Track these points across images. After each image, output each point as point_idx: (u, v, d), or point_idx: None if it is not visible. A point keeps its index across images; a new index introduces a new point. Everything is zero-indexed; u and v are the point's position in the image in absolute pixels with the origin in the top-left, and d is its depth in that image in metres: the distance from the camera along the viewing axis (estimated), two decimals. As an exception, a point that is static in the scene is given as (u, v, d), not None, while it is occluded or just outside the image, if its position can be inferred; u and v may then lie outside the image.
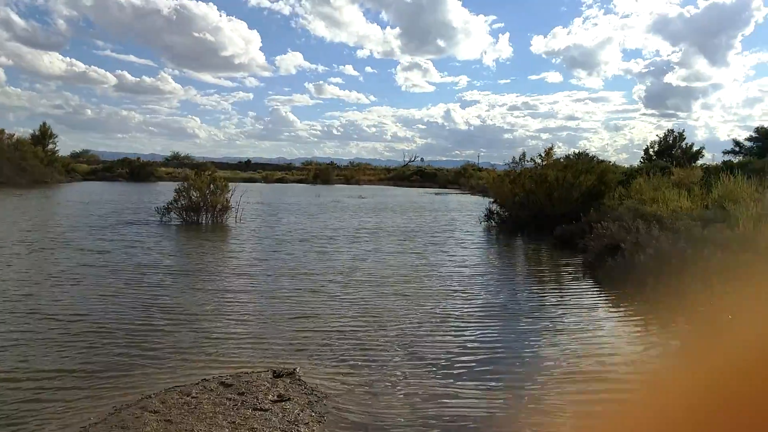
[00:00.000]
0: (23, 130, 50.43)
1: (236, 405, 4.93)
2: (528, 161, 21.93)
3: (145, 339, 6.80)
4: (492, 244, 17.36)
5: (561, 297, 9.71)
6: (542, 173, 19.87)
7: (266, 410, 4.85)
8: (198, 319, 7.76)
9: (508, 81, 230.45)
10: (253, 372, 5.79)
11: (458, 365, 6.17)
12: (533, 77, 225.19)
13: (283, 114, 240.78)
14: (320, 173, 70.22)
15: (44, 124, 50.65)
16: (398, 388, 5.50)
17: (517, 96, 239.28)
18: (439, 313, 8.34)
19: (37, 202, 28.11)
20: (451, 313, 8.42)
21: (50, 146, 49.76)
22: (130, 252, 13.15)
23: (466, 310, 8.63)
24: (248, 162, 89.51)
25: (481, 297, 9.56)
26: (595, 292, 10.06)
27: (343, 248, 14.73)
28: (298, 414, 4.82)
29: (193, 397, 5.07)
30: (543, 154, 21.93)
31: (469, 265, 12.76)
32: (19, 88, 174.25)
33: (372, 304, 8.83)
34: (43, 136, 49.63)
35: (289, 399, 5.09)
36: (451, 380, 5.71)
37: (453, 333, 7.41)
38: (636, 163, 37.67)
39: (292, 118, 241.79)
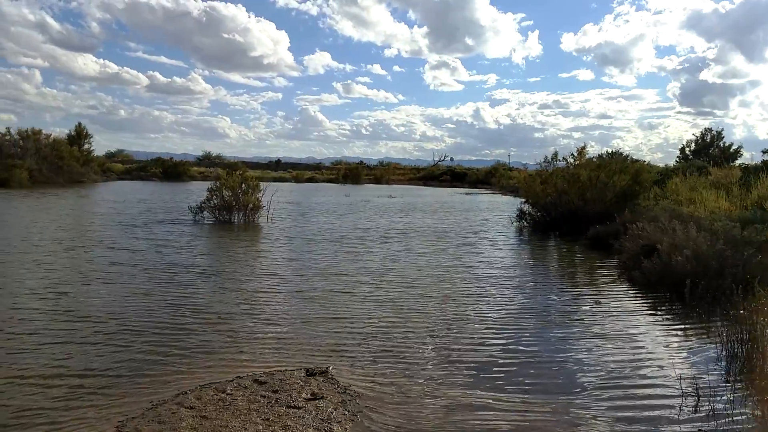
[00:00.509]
0: (59, 131, 51.58)
1: (270, 402, 4.97)
2: (560, 161, 21.63)
3: (179, 338, 6.91)
4: (524, 244, 17.19)
5: (596, 299, 9.56)
6: (575, 173, 19.61)
7: (300, 408, 4.88)
8: (231, 319, 7.86)
9: (538, 79, 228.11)
10: (286, 370, 5.83)
11: (492, 370, 6.13)
12: (564, 75, 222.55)
13: (311, 113, 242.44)
14: (350, 173, 70.43)
15: (80, 124, 51.86)
16: (430, 390, 5.47)
17: (548, 94, 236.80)
18: (472, 316, 8.28)
19: (74, 201, 28.81)
20: (485, 315, 8.36)
21: (86, 146, 50.87)
22: (163, 251, 13.38)
23: (499, 313, 8.56)
24: (278, 161, 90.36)
25: (515, 300, 9.47)
26: (631, 295, 9.90)
27: (374, 248, 14.76)
28: (332, 412, 4.84)
29: (228, 394, 5.13)
30: (575, 154, 21.59)
31: (501, 266, 12.66)
32: (54, 89, 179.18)
33: (404, 305, 8.82)
34: (79, 136, 50.74)
35: (322, 397, 5.12)
36: (485, 385, 5.66)
37: (487, 336, 7.36)
38: (671, 162, 37.04)
39: (320, 118, 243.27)
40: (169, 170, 58.67)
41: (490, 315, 8.33)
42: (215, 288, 9.67)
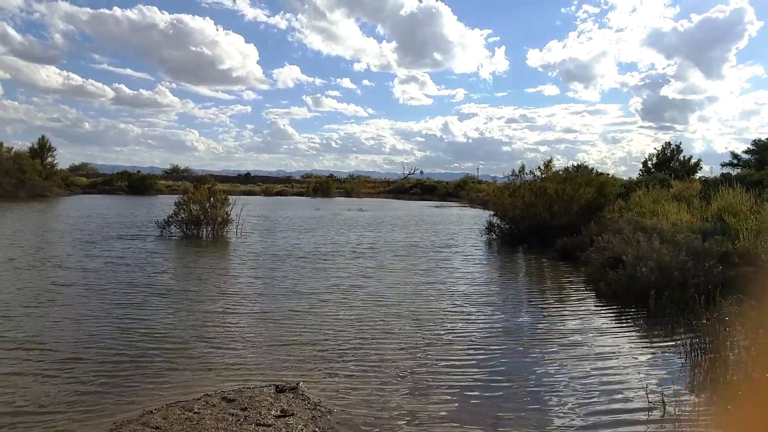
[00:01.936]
0: (21, 143, 50.74)
1: (239, 420, 4.90)
2: (527, 174, 21.94)
3: (144, 358, 6.75)
4: (494, 257, 17.33)
5: (563, 312, 9.69)
6: (542, 186, 19.89)
7: (269, 426, 4.82)
8: (199, 336, 7.73)
9: (505, 94, 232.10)
10: (255, 387, 5.76)
11: (463, 386, 6.15)
12: (530, 90, 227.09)
13: (281, 127, 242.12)
14: (320, 186, 70.26)
15: (43, 137, 50.66)
16: (402, 406, 5.47)
17: (515, 109, 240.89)
18: (444, 333, 8.29)
19: (36, 216, 28.08)
20: (456, 332, 8.39)
21: (49, 159, 49.72)
22: (129, 268, 13.14)
23: (471, 329, 8.59)
24: (248, 175, 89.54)
25: (485, 315, 9.52)
26: (597, 306, 10.04)
27: (344, 264, 14.71)
28: (302, 429, 4.78)
29: (195, 413, 5.04)
30: (542, 167, 21.95)
31: (472, 281, 12.74)
32: (16, 101, 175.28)
33: (375, 322, 8.78)
34: (42, 149, 49.60)
35: (292, 414, 5.06)
36: (456, 400, 5.69)
37: (458, 352, 7.38)
38: (635, 175, 37.86)
39: (290, 131, 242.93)
40: (135, 184, 57.66)
41: (460, 332, 8.34)
42: (182, 306, 9.50)
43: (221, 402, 5.32)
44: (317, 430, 4.81)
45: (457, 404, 5.48)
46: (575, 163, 26.46)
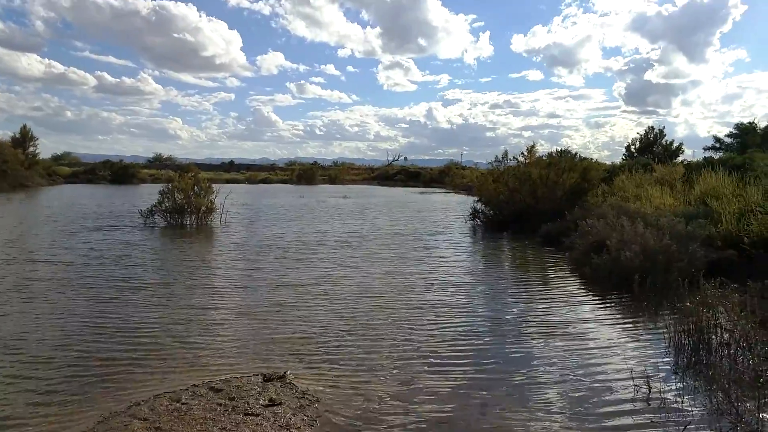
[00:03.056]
0: (2, 133, 49.75)
1: (227, 410, 4.88)
2: (511, 160, 21.99)
3: (129, 349, 6.70)
4: (479, 244, 17.39)
5: (549, 298, 9.76)
6: (526, 171, 19.95)
7: (257, 415, 4.80)
8: (184, 327, 7.68)
9: (490, 79, 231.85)
10: (243, 377, 5.74)
11: (452, 371, 6.18)
12: (514, 75, 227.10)
13: (265, 114, 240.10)
14: (304, 174, 69.98)
15: (25, 126, 50.08)
16: (389, 391, 5.48)
17: (499, 94, 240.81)
18: (428, 321, 8.32)
19: (17, 206, 27.67)
20: (441, 320, 8.42)
21: (31, 149, 49.06)
22: (113, 258, 13.02)
23: (455, 318, 8.62)
24: (231, 163, 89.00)
25: (472, 301, 9.58)
26: (582, 291, 10.12)
27: (329, 253, 14.68)
28: (290, 418, 4.78)
29: (183, 404, 5.01)
30: (525, 153, 22.02)
31: (457, 267, 12.78)
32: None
33: (361, 311, 8.77)
34: (24, 138, 48.95)
35: (280, 403, 5.05)
36: (445, 385, 5.71)
37: (443, 341, 7.41)
38: (618, 160, 38.08)
39: (274, 118, 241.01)
40: (118, 173, 56.97)
41: (446, 319, 8.36)
42: (166, 298, 9.44)
43: (209, 392, 5.29)
44: (306, 418, 4.80)
45: (444, 392, 5.49)
46: (559, 149, 26.60)
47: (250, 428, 4.56)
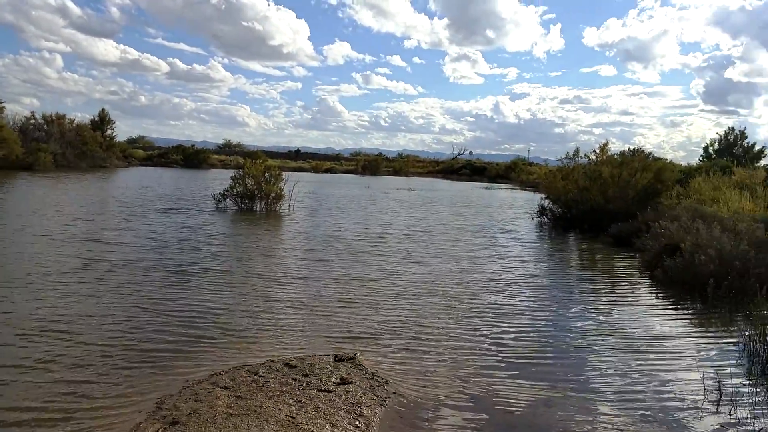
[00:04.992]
0: (81, 116, 52.50)
1: (301, 385, 5.14)
2: (582, 157, 21.57)
3: (208, 323, 7.11)
4: (546, 242, 17.21)
5: (619, 299, 9.64)
6: (597, 170, 19.53)
7: (330, 391, 5.04)
8: (258, 306, 8.05)
9: (559, 74, 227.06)
10: (315, 356, 6.00)
11: (516, 363, 6.26)
12: (585, 70, 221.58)
13: (330, 104, 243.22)
14: (369, 164, 70.59)
15: (103, 109, 52.34)
16: (456, 381, 5.61)
17: (569, 89, 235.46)
18: (494, 315, 8.40)
19: (97, 185, 29.24)
20: (506, 314, 8.48)
21: (109, 132, 51.38)
22: (191, 238, 13.65)
23: (520, 313, 8.67)
24: (297, 151, 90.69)
25: (537, 298, 9.59)
26: (653, 294, 9.96)
27: (394, 245, 14.89)
28: (361, 397, 4.99)
29: (260, 376, 5.30)
30: (597, 150, 21.53)
31: (524, 264, 12.76)
32: (75, 74, 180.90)
33: (428, 301, 8.95)
34: (102, 121, 51.25)
35: (351, 382, 5.27)
36: (510, 374, 5.82)
37: (510, 329, 7.49)
38: (694, 161, 36.72)
39: (339, 108, 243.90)
40: (189, 157, 59.07)
41: (511, 314, 8.43)
42: (242, 275, 9.88)
43: (284, 367, 5.57)
44: (375, 398, 5.00)
45: (509, 386, 5.58)
46: (631, 147, 25.85)
47: (324, 403, 4.80)
